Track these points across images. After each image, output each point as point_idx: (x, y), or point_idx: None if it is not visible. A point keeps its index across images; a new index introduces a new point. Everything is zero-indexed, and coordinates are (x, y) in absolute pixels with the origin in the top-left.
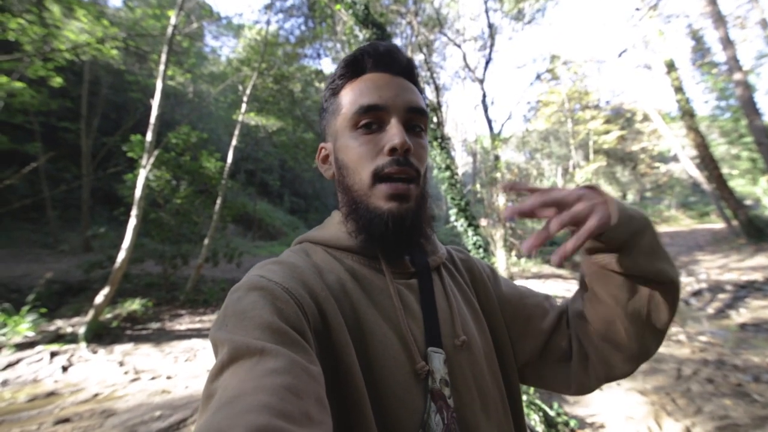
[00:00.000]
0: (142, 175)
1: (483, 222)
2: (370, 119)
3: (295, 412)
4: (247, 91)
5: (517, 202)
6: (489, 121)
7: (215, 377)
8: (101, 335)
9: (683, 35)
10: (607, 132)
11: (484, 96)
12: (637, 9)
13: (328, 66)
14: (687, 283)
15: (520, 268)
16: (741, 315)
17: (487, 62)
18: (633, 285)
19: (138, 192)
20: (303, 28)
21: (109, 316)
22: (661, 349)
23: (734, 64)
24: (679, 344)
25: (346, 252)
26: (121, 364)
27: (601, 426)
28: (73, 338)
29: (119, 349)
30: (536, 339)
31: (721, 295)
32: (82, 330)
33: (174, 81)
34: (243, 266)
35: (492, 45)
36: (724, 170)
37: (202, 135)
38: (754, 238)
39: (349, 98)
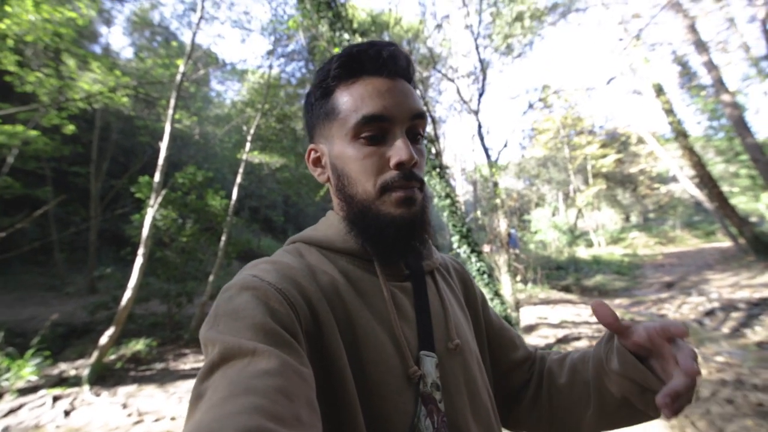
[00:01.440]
0: (150, 214)
1: (486, 248)
2: (373, 131)
3: (286, 414)
4: (251, 131)
5: (519, 229)
6: (486, 150)
7: (205, 377)
8: (105, 377)
9: (669, 61)
10: (604, 156)
11: (480, 126)
12: (621, 39)
13: None
14: (699, 303)
15: (527, 293)
16: (757, 333)
17: (480, 95)
18: (629, 408)
19: (145, 231)
20: (304, 70)
21: (113, 357)
22: None
23: (720, 86)
24: None
25: (339, 253)
26: (125, 406)
27: None
28: (76, 381)
29: (123, 390)
30: (501, 366)
31: (735, 314)
32: (85, 372)
33: (181, 124)
34: None
35: (484, 79)
36: (725, 188)
37: (208, 174)
38: (763, 254)
39: (348, 104)
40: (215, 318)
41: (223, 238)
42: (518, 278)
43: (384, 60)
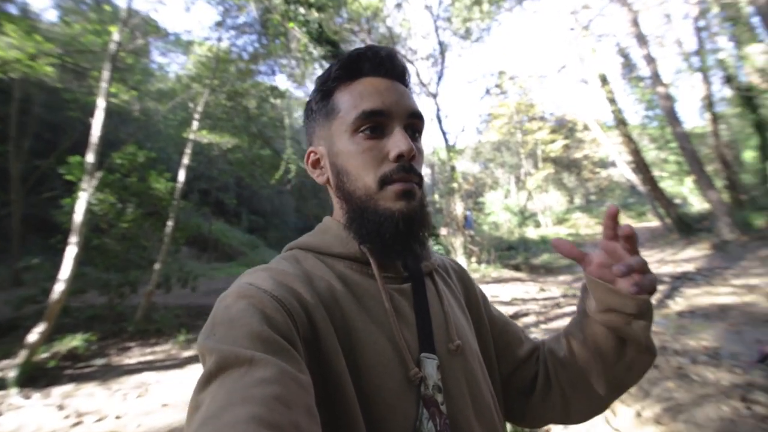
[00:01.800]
0: (83, 198)
1: (443, 231)
2: (373, 124)
3: (285, 422)
4: (199, 108)
5: (474, 211)
6: (444, 134)
7: (202, 387)
8: (36, 378)
9: (613, 52)
10: (552, 141)
11: (438, 110)
12: (572, 29)
13: (282, 82)
14: None
15: (481, 273)
16: (678, 303)
17: (439, 78)
18: (625, 349)
19: (79, 217)
20: (256, 44)
21: (45, 355)
22: None
23: (656, 78)
24: None
25: (337, 258)
26: (61, 407)
27: None
28: (1, 384)
29: (58, 391)
30: (509, 364)
31: (661, 287)
32: (12, 374)
33: (118, 98)
34: (199, 291)
35: (443, 62)
36: (656, 173)
37: (151, 154)
38: (684, 233)
39: (348, 102)
40: (212, 327)
41: (170, 223)
42: (473, 259)
43: (381, 60)
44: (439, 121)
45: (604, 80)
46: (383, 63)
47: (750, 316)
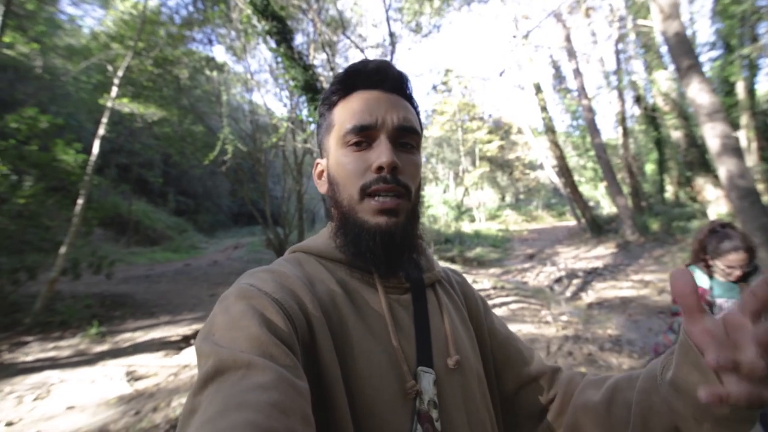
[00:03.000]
0: None
1: None
2: (360, 138)
3: (281, 429)
4: (119, 73)
5: None
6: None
7: (199, 391)
8: None
9: (547, 63)
10: (489, 141)
11: None
12: (514, 36)
13: (220, 54)
14: (551, 272)
15: None
16: (589, 296)
17: None
18: None
19: None
20: (191, 8)
21: None
22: (534, 330)
23: (582, 91)
24: (547, 325)
25: (339, 264)
26: None
27: None
28: None
29: None
30: (511, 382)
31: (575, 281)
32: None
33: (14, 50)
34: (116, 278)
35: (393, 53)
36: (576, 177)
37: (57, 120)
38: (596, 233)
39: (341, 116)
40: (211, 328)
41: (80, 201)
42: None
43: (370, 73)
44: None
45: (538, 88)
46: (372, 75)
47: (645, 307)
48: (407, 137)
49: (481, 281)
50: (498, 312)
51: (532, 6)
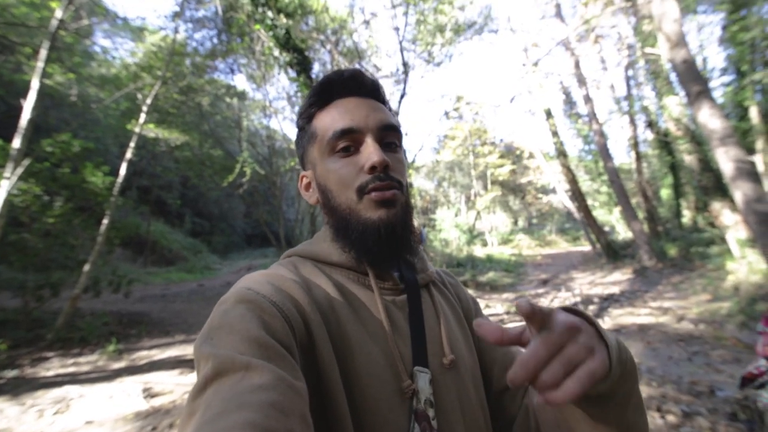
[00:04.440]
0: (4, 187)
1: None
2: (347, 142)
3: (280, 429)
4: (148, 101)
5: (428, 228)
6: (403, 152)
7: (198, 393)
8: None
9: (557, 89)
10: (501, 165)
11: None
12: (524, 64)
13: (241, 82)
14: (566, 298)
15: None
16: (605, 322)
17: (402, 96)
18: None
19: None
20: (215, 40)
21: None
22: None
23: (593, 116)
24: None
25: (335, 267)
26: None
27: None
28: None
29: None
30: (493, 386)
31: (591, 307)
32: None
33: (51, 80)
34: (132, 296)
35: (406, 81)
36: (589, 202)
37: (88, 145)
38: (612, 258)
39: (323, 125)
40: (209, 331)
41: (105, 221)
42: None
43: (345, 80)
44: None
45: (548, 114)
46: (348, 83)
47: (664, 335)
48: (391, 136)
49: (493, 306)
50: None
51: (541, 35)
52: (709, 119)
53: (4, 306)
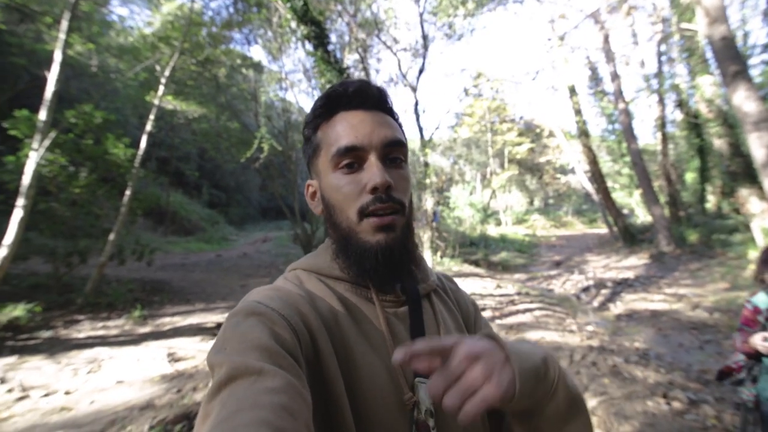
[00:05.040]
0: (33, 159)
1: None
2: (350, 159)
3: (290, 430)
4: (167, 72)
5: (442, 206)
6: (420, 129)
7: (212, 397)
8: None
9: (583, 65)
10: (519, 144)
11: (417, 103)
12: (549, 38)
13: (257, 53)
14: (579, 281)
15: (444, 267)
16: (617, 307)
17: (421, 71)
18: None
19: (27, 178)
20: (231, 9)
21: None
22: (558, 338)
23: (619, 94)
24: (571, 333)
25: (338, 280)
26: (3, 381)
27: None
28: None
29: None
30: None
31: (604, 291)
32: None
33: (71, 50)
34: (154, 265)
35: (425, 55)
36: (609, 184)
37: (110, 116)
38: (629, 242)
39: (327, 139)
40: (222, 342)
41: (128, 192)
42: (438, 254)
43: (351, 95)
44: (417, 116)
45: (572, 91)
46: (354, 97)
47: (677, 322)
48: (396, 151)
49: (505, 286)
50: (521, 318)
51: (569, 6)
52: (745, 101)
53: (36, 271)
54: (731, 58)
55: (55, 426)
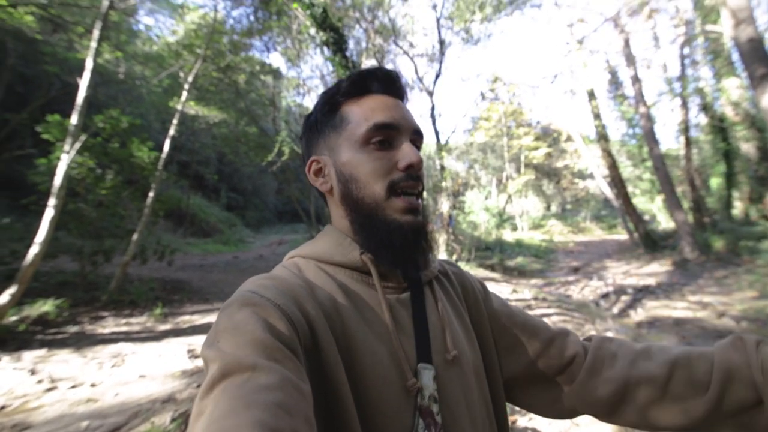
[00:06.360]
0: (64, 161)
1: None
2: (383, 136)
3: (286, 429)
4: (190, 78)
5: (457, 211)
6: (436, 133)
7: (205, 394)
8: (5, 341)
9: (602, 69)
10: (536, 148)
11: (433, 108)
12: (568, 42)
13: (276, 60)
14: (597, 287)
15: None
16: (638, 314)
17: (437, 76)
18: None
19: (59, 180)
20: (252, 18)
21: (14, 318)
22: None
23: (640, 98)
24: None
25: (338, 267)
26: (33, 372)
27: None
28: None
29: (29, 356)
30: (523, 355)
31: (624, 297)
32: None
33: (101, 58)
34: (174, 265)
35: (442, 60)
36: (629, 189)
37: (135, 121)
38: (650, 248)
39: (359, 115)
40: (215, 335)
41: (151, 194)
42: (454, 257)
43: (389, 80)
44: (433, 120)
45: (591, 95)
46: (390, 83)
47: (701, 330)
48: (419, 141)
49: (521, 291)
50: None
51: (588, 9)
52: None
53: (64, 269)
54: (759, 60)
55: (82, 416)
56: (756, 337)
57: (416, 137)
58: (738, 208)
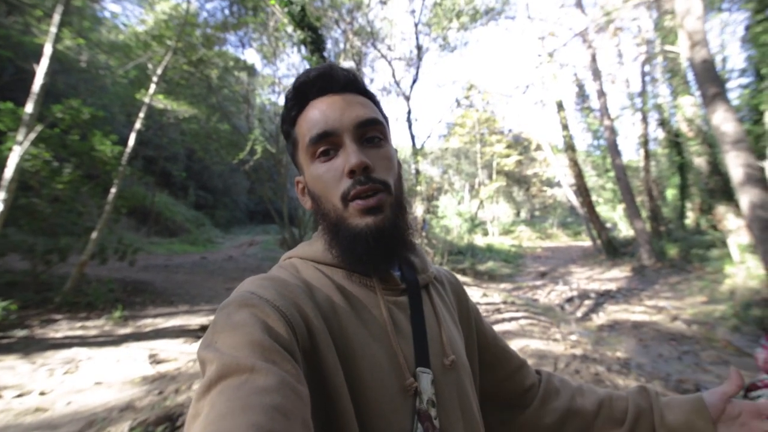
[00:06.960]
0: (17, 152)
1: None
2: (325, 146)
3: None
4: (159, 71)
5: (430, 215)
6: (412, 137)
7: (202, 395)
8: None
9: (571, 81)
10: (508, 156)
11: (409, 112)
12: (539, 54)
13: (251, 56)
14: (563, 291)
15: None
16: (600, 318)
17: (414, 81)
18: None
19: (9, 172)
20: (227, 11)
21: None
22: (543, 347)
23: (605, 111)
24: (555, 342)
25: (336, 268)
26: None
27: None
28: None
29: None
30: (495, 376)
31: (587, 302)
32: None
33: (61, 44)
34: (136, 265)
35: (419, 66)
36: (593, 198)
37: (98, 112)
38: (611, 255)
39: (302, 130)
40: (213, 336)
41: (113, 190)
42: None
43: (315, 79)
44: (409, 124)
45: (560, 106)
46: (318, 82)
47: (657, 333)
48: (371, 130)
49: (491, 295)
50: (507, 327)
51: (559, 24)
52: (723, 122)
53: (13, 268)
54: (711, 81)
55: (29, 427)
56: (655, 389)
57: (366, 129)
58: (690, 218)
